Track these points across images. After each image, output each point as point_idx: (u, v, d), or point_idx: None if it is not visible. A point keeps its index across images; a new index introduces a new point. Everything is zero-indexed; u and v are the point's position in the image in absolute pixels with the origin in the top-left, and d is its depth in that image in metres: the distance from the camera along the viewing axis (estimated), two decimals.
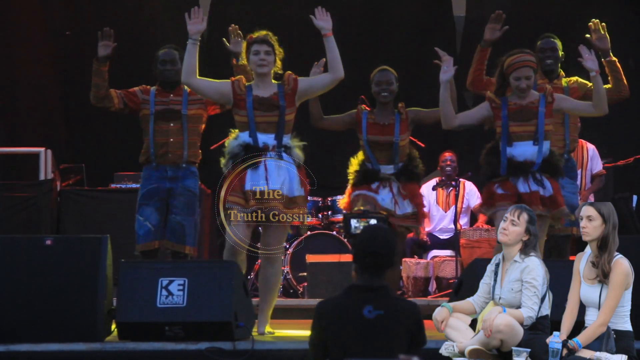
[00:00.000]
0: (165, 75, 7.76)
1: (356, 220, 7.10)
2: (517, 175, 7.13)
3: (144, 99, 7.76)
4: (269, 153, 7.04)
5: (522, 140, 7.16)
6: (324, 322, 4.71)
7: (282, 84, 7.17)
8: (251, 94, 7.09)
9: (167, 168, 7.71)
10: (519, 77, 7.13)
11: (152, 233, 7.67)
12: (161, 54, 7.81)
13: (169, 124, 7.71)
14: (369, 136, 7.64)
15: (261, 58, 7.10)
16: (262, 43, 7.11)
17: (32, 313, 6.64)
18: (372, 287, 4.73)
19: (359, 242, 4.83)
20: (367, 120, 7.67)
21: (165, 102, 7.74)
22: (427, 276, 9.90)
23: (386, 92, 7.64)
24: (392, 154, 7.64)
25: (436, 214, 10.40)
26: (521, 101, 7.18)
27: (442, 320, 6.15)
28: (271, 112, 7.09)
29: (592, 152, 9.58)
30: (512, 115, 7.15)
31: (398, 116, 7.67)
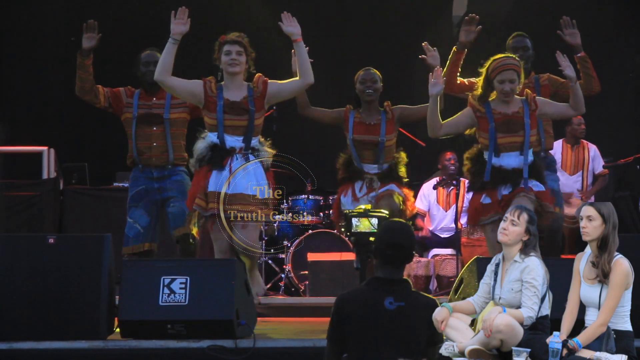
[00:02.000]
0: (147, 77, 7.75)
1: (357, 219, 7.12)
2: (505, 183, 7.18)
3: (127, 102, 7.79)
4: (235, 155, 7.07)
5: (509, 151, 7.19)
6: (344, 314, 4.74)
7: (252, 86, 7.19)
8: (222, 97, 7.12)
9: (153, 170, 7.75)
10: (503, 80, 7.16)
11: (142, 235, 7.69)
12: (143, 55, 7.83)
13: (151, 128, 7.74)
14: (354, 135, 7.68)
15: (232, 58, 7.14)
16: (233, 43, 7.15)
17: (34, 311, 6.65)
18: (393, 279, 4.77)
19: (381, 235, 4.88)
20: (354, 119, 7.71)
21: (148, 106, 7.76)
22: (427, 274, 9.93)
23: (370, 89, 7.69)
24: (377, 153, 7.67)
25: (437, 213, 10.42)
26: (506, 110, 7.19)
27: (442, 320, 6.15)
28: (240, 116, 7.12)
29: (593, 153, 9.61)
30: (499, 126, 7.16)
31: (384, 115, 7.71)
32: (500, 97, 7.20)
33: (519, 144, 7.18)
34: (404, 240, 4.79)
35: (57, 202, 9.74)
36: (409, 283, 4.82)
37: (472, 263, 6.86)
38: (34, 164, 10.03)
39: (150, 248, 7.72)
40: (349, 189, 7.72)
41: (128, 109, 7.77)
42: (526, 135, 7.17)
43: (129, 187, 7.84)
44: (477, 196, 7.27)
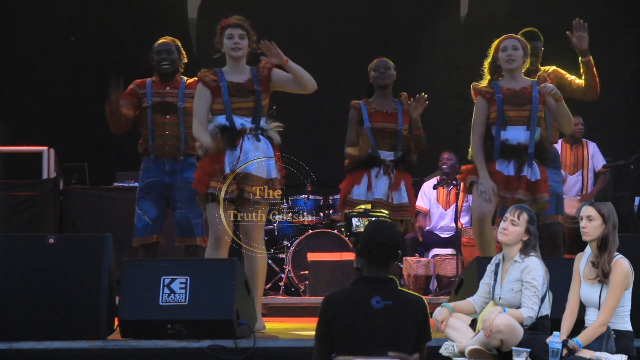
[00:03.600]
0: (161, 66, 7.77)
1: (357, 219, 7.11)
2: (509, 159, 7.15)
3: (141, 93, 7.79)
4: (246, 135, 7.04)
5: (516, 124, 7.16)
6: (332, 314, 4.75)
7: (257, 69, 7.16)
8: (224, 80, 7.09)
9: (165, 161, 7.73)
10: (506, 47, 7.16)
11: (150, 227, 7.69)
12: (157, 45, 7.83)
13: (165, 117, 7.73)
14: (373, 124, 7.65)
15: (235, 42, 7.11)
16: (235, 27, 7.12)
17: (34, 311, 6.65)
18: (380, 278, 4.78)
19: (366, 235, 4.89)
20: (368, 109, 7.69)
21: (162, 95, 7.76)
22: (427, 274, 9.94)
23: (385, 75, 7.68)
24: (395, 141, 7.66)
25: (436, 212, 10.43)
26: (514, 85, 7.18)
27: (442, 320, 6.17)
28: (247, 97, 7.08)
29: (592, 150, 9.61)
30: (506, 99, 7.15)
31: (400, 105, 7.72)
32: (505, 66, 7.17)
33: (526, 118, 7.14)
34: (389, 239, 4.80)
35: (57, 202, 9.73)
36: (396, 281, 4.84)
37: (472, 263, 6.87)
38: (34, 164, 10.03)
39: (157, 240, 7.72)
40: (363, 177, 7.67)
41: (143, 99, 7.78)
42: (533, 109, 7.13)
43: (140, 177, 7.81)
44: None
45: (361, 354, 4.64)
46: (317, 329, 4.83)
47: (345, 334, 4.73)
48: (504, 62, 7.17)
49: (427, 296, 9.56)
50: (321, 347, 4.81)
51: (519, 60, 7.16)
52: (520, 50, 7.16)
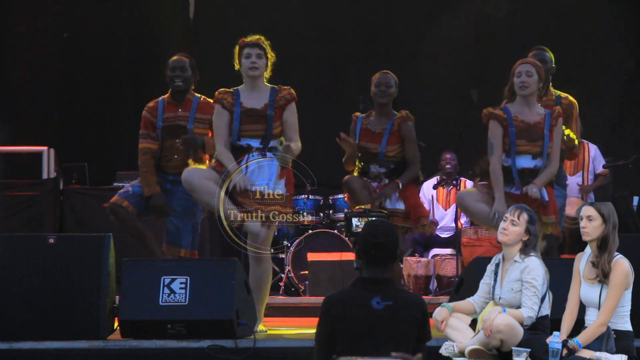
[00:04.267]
0: (174, 83, 7.69)
1: (357, 219, 7.11)
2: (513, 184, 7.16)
3: (155, 121, 7.71)
4: (252, 154, 7.03)
5: (525, 155, 7.16)
6: (332, 316, 4.75)
7: (276, 92, 7.11)
8: (239, 104, 7.06)
9: (169, 174, 7.71)
10: (520, 73, 7.15)
11: (129, 195, 7.62)
12: (171, 61, 7.73)
13: (175, 140, 7.65)
14: (360, 142, 7.63)
15: (252, 61, 7.04)
16: (253, 46, 7.06)
17: (34, 311, 6.65)
18: (379, 279, 4.79)
19: (363, 235, 4.89)
20: (361, 125, 7.66)
21: (173, 118, 7.69)
22: (428, 274, 9.93)
23: (384, 94, 7.60)
24: (378, 161, 7.61)
25: (436, 212, 10.43)
26: (528, 118, 7.16)
27: (442, 320, 6.17)
28: (258, 123, 7.06)
29: (593, 153, 9.60)
30: (520, 133, 7.15)
31: (390, 126, 7.64)
32: (519, 92, 7.16)
33: (535, 152, 7.15)
34: (387, 240, 4.80)
35: (57, 202, 9.73)
36: (395, 281, 4.85)
37: (472, 263, 6.87)
38: (34, 164, 10.03)
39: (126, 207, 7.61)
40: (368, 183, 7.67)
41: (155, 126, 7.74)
42: (545, 146, 7.14)
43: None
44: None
45: (362, 354, 4.64)
46: (317, 331, 4.83)
47: (346, 335, 4.73)
48: (517, 88, 7.17)
49: (427, 296, 9.56)
50: (322, 348, 4.81)
51: (532, 86, 7.15)
52: (534, 76, 7.14)
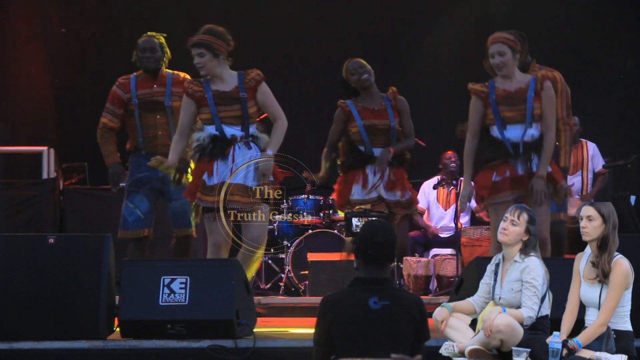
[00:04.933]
0: (144, 63, 7.79)
1: (357, 219, 7.11)
2: (515, 160, 7.09)
3: (127, 97, 7.77)
4: (237, 144, 7.04)
5: (514, 123, 7.09)
6: (330, 316, 4.76)
7: (244, 76, 7.13)
8: (210, 89, 7.08)
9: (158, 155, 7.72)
10: (493, 54, 7.12)
11: (142, 221, 7.68)
12: (141, 42, 7.83)
13: (155, 117, 7.74)
14: (364, 121, 7.63)
15: (196, 62, 7.10)
16: (193, 47, 7.09)
17: (34, 311, 6.65)
18: (376, 279, 4.79)
19: (361, 235, 4.90)
20: (356, 107, 7.67)
21: (149, 94, 7.76)
22: (427, 274, 9.94)
23: (365, 73, 7.64)
24: (389, 138, 7.64)
25: (436, 212, 10.44)
26: (508, 86, 7.14)
27: (442, 320, 6.17)
28: (233, 105, 7.07)
29: (592, 151, 9.60)
30: (501, 100, 7.09)
31: (388, 102, 7.68)
32: (497, 72, 7.13)
33: (522, 116, 7.08)
34: (384, 239, 4.81)
35: (57, 202, 9.74)
36: (393, 281, 4.86)
37: (472, 263, 6.87)
38: (34, 164, 10.03)
39: (148, 234, 7.71)
40: (359, 176, 7.65)
41: (129, 102, 7.77)
42: (528, 108, 7.08)
43: (130, 171, 7.82)
44: (486, 173, 7.13)
45: (360, 354, 4.65)
46: (315, 332, 4.84)
47: (344, 335, 4.74)
48: (495, 69, 7.15)
49: (427, 296, 9.57)
50: (320, 349, 4.81)
51: (508, 63, 7.10)
52: (507, 53, 7.08)
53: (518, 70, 7.18)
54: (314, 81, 11.08)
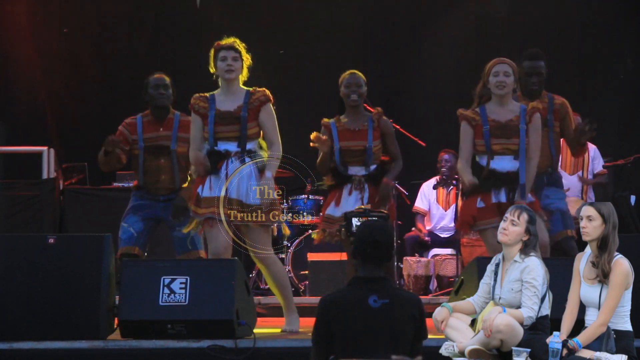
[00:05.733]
0: (157, 100, 7.72)
1: (357, 219, 7.11)
2: (499, 187, 7.08)
3: (133, 139, 7.73)
4: (230, 160, 7.04)
5: (503, 155, 7.09)
6: (329, 316, 4.77)
7: (251, 93, 7.13)
8: (214, 108, 7.09)
9: (160, 195, 7.72)
10: (498, 72, 7.09)
11: (134, 238, 7.65)
12: (152, 79, 7.77)
13: (159, 161, 7.70)
14: (341, 143, 7.54)
15: (228, 64, 7.08)
16: (229, 49, 7.09)
17: (34, 311, 6.66)
18: (375, 277, 4.81)
19: (359, 235, 4.93)
20: (337, 127, 7.58)
21: (155, 138, 7.72)
22: (427, 274, 9.94)
23: (355, 94, 7.54)
24: (365, 159, 7.56)
25: (436, 212, 10.43)
26: (500, 117, 7.10)
27: (442, 320, 6.17)
28: (232, 125, 7.08)
29: (593, 153, 9.60)
30: (493, 131, 7.09)
31: (371, 122, 7.59)
32: (495, 91, 7.11)
33: (514, 150, 7.09)
34: (382, 238, 4.84)
35: (57, 202, 9.74)
36: (391, 280, 4.88)
37: (472, 263, 6.87)
38: (34, 164, 10.03)
39: (138, 253, 7.66)
40: (336, 195, 7.60)
41: (134, 145, 7.73)
42: (521, 141, 7.09)
43: (133, 197, 7.79)
44: (472, 201, 7.13)
45: (360, 353, 4.66)
46: (314, 331, 4.84)
47: (344, 334, 4.74)
48: (494, 87, 7.11)
49: (427, 296, 9.57)
50: (319, 349, 4.82)
51: (509, 86, 7.10)
52: (511, 77, 7.09)
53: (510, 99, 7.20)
54: (313, 81, 11.08)
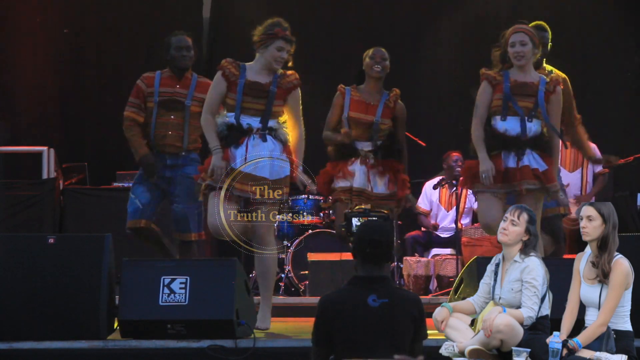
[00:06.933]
0: (179, 62, 7.65)
1: (357, 219, 7.11)
2: (509, 150, 7.06)
3: (149, 92, 7.67)
4: (252, 135, 6.98)
5: (515, 115, 7.06)
6: (329, 315, 4.76)
7: (281, 75, 7.08)
8: (244, 77, 7.02)
9: (167, 157, 7.68)
10: (514, 43, 7.07)
11: (140, 211, 7.62)
12: (174, 39, 7.69)
13: (169, 116, 7.66)
14: (350, 112, 7.63)
15: (283, 57, 7.02)
16: (289, 43, 7.02)
17: (34, 311, 6.65)
18: (374, 277, 4.81)
19: (358, 234, 4.93)
20: (352, 97, 7.67)
21: (171, 93, 7.67)
22: (428, 274, 9.94)
23: (380, 65, 7.65)
24: (370, 133, 7.61)
25: (439, 213, 10.43)
26: (523, 78, 7.09)
27: (442, 320, 6.17)
28: (260, 98, 7.01)
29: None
30: (513, 89, 7.06)
31: (384, 99, 7.66)
32: (514, 62, 7.08)
33: (529, 109, 7.06)
34: (382, 238, 4.84)
35: (57, 202, 9.74)
36: (390, 279, 4.88)
37: (472, 263, 6.87)
38: (34, 164, 10.04)
39: (145, 225, 7.63)
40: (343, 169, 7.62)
41: (149, 97, 7.68)
42: (538, 102, 7.03)
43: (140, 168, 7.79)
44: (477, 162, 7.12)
45: (360, 352, 4.65)
46: (314, 331, 4.84)
47: (343, 334, 4.74)
48: (513, 58, 7.09)
49: (427, 296, 9.57)
50: (319, 349, 4.82)
51: (527, 55, 7.07)
52: (529, 44, 7.07)
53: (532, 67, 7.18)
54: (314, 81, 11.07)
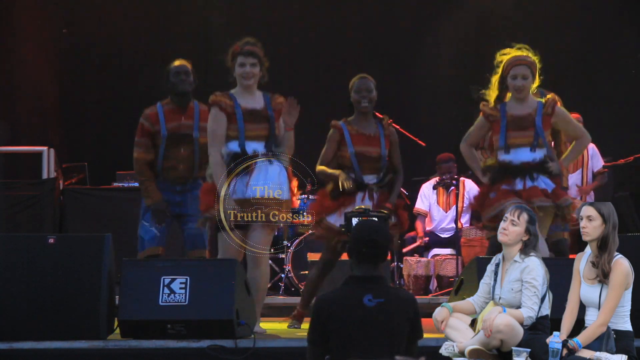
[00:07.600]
0: (179, 86, 7.61)
1: (357, 219, 7.11)
2: (514, 178, 7.10)
3: (155, 130, 7.60)
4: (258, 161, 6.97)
5: (518, 147, 7.13)
6: (325, 315, 4.77)
7: (269, 96, 7.10)
8: (239, 106, 7.02)
9: (176, 186, 7.64)
10: (515, 76, 7.12)
11: (158, 238, 7.60)
12: (174, 66, 7.66)
13: (179, 150, 7.60)
14: (356, 148, 7.51)
15: (247, 71, 7.02)
16: (248, 56, 7.02)
17: (34, 311, 6.65)
18: (371, 276, 4.81)
19: (355, 234, 4.93)
20: (349, 131, 7.56)
21: (177, 127, 7.61)
22: (427, 274, 9.95)
23: (366, 99, 7.52)
24: (379, 166, 7.55)
25: (437, 213, 10.43)
26: (519, 112, 7.15)
27: (442, 320, 6.17)
28: (261, 124, 7.03)
29: (592, 151, 9.60)
30: (510, 124, 7.13)
31: (381, 129, 7.58)
32: (514, 94, 7.15)
33: (529, 141, 7.12)
34: (379, 237, 4.84)
35: (57, 202, 9.75)
36: (386, 279, 4.88)
37: (472, 263, 6.87)
38: (34, 164, 10.04)
39: (162, 253, 7.61)
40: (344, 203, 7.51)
41: (157, 135, 7.61)
42: (537, 135, 7.09)
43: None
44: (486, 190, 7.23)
45: (356, 353, 4.66)
46: (310, 331, 4.84)
47: (339, 334, 4.74)
48: (513, 90, 7.16)
49: (427, 296, 9.57)
50: (315, 349, 4.82)
51: (528, 87, 7.16)
52: (530, 78, 7.14)
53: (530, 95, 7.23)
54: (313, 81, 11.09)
